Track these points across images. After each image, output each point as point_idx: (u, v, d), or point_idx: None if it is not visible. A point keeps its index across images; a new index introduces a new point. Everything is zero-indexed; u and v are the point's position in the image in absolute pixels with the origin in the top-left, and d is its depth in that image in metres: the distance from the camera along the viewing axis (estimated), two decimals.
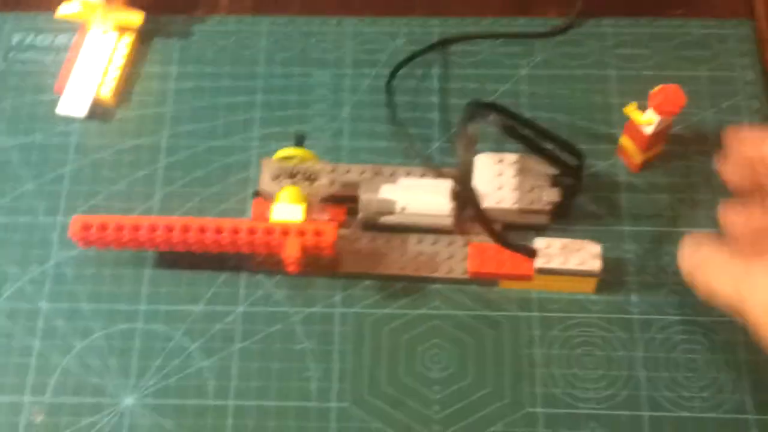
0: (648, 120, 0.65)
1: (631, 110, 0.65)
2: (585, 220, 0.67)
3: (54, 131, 0.72)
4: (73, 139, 0.72)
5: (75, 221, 0.62)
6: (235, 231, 0.62)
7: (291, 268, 0.62)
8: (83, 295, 0.65)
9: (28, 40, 0.76)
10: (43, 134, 0.72)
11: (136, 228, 0.62)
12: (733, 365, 0.62)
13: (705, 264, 0.55)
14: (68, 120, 0.72)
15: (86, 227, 0.62)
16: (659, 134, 0.66)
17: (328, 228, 0.62)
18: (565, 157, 0.65)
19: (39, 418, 0.61)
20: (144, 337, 0.64)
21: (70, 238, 0.63)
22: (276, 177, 0.65)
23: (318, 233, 0.62)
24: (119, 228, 0.62)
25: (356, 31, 0.76)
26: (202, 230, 0.62)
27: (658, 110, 0.64)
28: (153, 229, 0.62)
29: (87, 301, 0.65)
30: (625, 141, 0.68)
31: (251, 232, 0.62)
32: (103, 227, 0.62)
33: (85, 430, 0.61)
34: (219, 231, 0.62)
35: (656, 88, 0.64)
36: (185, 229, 0.62)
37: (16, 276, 0.66)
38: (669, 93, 0.63)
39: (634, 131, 0.66)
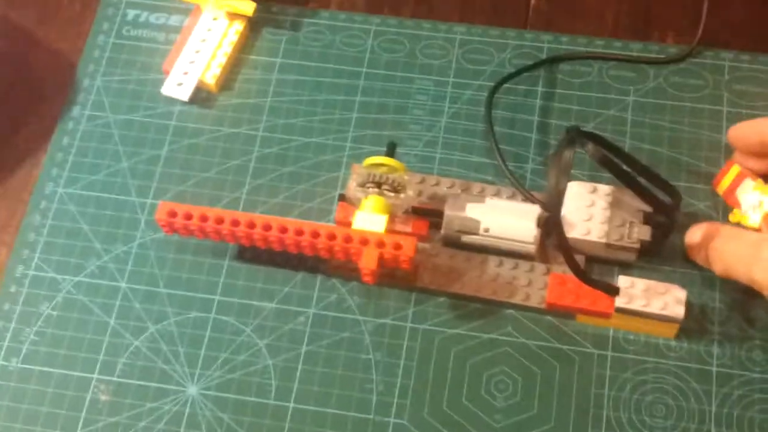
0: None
1: (738, 217, 0.62)
2: (675, 261, 0.65)
3: (156, 111, 0.73)
4: (172, 122, 0.73)
5: (162, 207, 0.63)
6: (315, 234, 0.61)
7: (366, 279, 0.61)
8: (162, 278, 0.66)
9: (143, 17, 0.77)
10: (146, 113, 0.73)
11: (219, 220, 0.62)
12: None
13: (718, 234, 0.58)
14: (171, 101, 0.73)
15: (172, 214, 0.63)
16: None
17: (408, 242, 0.61)
18: (661, 195, 0.63)
19: (104, 397, 0.62)
20: (215, 328, 0.64)
21: (155, 221, 0.63)
22: (363, 184, 0.64)
23: (397, 246, 0.61)
24: (203, 218, 0.62)
25: (465, 39, 0.74)
26: (283, 230, 0.62)
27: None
28: (235, 223, 0.62)
29: (164, 286, 0.66)
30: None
31: (331, 237, 0.61)
32: (188, 216, 0.63)
33: (146, 415, 0.62)
34: (299, 233, 0.62)
35: None
36: (266, 227, 0.62)
37: (100, 252, 0.67)
38: None
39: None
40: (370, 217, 0.63)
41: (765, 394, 0.60)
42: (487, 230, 0.63)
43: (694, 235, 0.61)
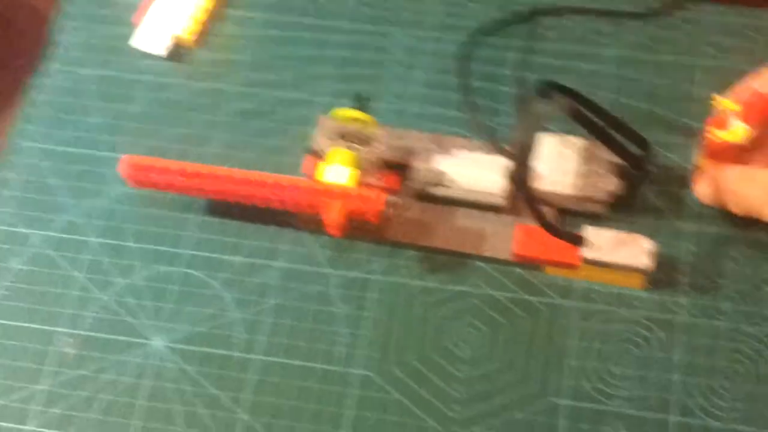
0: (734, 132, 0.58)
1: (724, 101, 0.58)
2: (646, 213, 0.64)
3: (129, 66, 0.73)
4: (146, 77, 0.72)
5: (126, 160, 0.62)
6: (280, 187, 0.61)
7: (332, 231, 0.60)
8: (131, 233, 0.66)
9: None
10: (119, 68, 0.72)
11: (182, 173, 0.62)
12: None
13: (734, 174, 0.57)
14: (145, 56, 0.73)
15: (136, 167, 0.62)
16: (732, 147, 0.59)
17: (376, 195, 0.60)
18: (634, 148, 0.62)
19: (71, 351, 0.62)
20: (183, 282, 0.64)
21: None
22: (331, 136, 0.64)
23: (365, 200, 0.60)
24: (165, 171, 0.62)
25: None
26: (247, 182, 0.61)
27: (745, 118, 0.56)
28: (198, 176, 0.61)
29: (134, 240, 0.66)
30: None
31: (295, 189, 0.61)
32: (151, 169, 0.62)
33: (111, 368, 0.62)
34: (263, 185, 0.61)
35: (741, 91, 0.56)
36: (230, 180, 0.61)
37: (69, 207, 0.67)
38: (756, 97, 0.56)
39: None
40: (338, 170, 0.62)
41: (731, 343, 0.59)
42: (455, 182, 0.62)
43: (703, 183, 0.61)
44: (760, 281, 0.61)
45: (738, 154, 0.59)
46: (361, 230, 0.64)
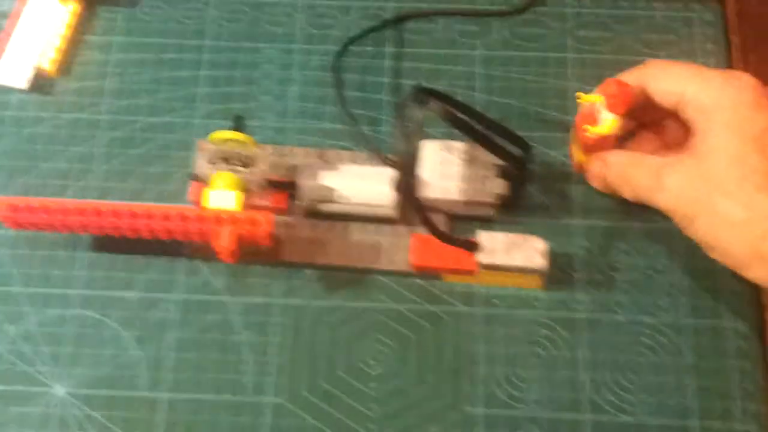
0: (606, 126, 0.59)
1: (585, 96, 0.60)
2: (534, 212, 0.65)
3: None
4: (9, 112, 0.69)
5: (1, 202, 0.59)
6: (167, 218, 0.59)
7: (224, 258, 0.60)
8: (16, 277, 0.63)
9: None
10: None
11: (64, 212, 0.60)
12: (679, 369, 0.61)
13: (619, 160, 0.59)
14: (6, 90, 0.70)
15: (13, 209, 0.60)
16: (608, 139, 0.60)
17: (264, 218, 0.60)
18: (512, 147, 0.63)
19: None
20: (78, 323, 0.62)
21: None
22: (212, 160, 0.63)
23: (253, 223, 0.60)
24: (47, 210, 0.59)
25: (308, 3, 0.73)
26: (133, 216, 0.60)
27: (613, 108, 0.59)
28: (81, 212, 0.59)
29: (20, 284, 0.63)
30: (574, 137, 0.64)
31: (183, 219, 0.60)
32: (30, 209, 0.60)
33: (14, 421, 0.60)
34: (150, 217, 0.60)
35: (606, 85, 0.59)
36: (116, 215, 0.60)
37: None
38: (620, 87, 0.58)
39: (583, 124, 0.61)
40: (223, 195, 0.62)
41: (632, 336, 0.62)
42: (343, 197, 0.62)
43: (595, 167, 0.62)
44: (652, 271, 0.64)
45: (612, 144, 0.61)
46: (255, 254, 0.63)
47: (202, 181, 0.63)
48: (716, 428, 0.59)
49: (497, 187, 0.63)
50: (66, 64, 0.71)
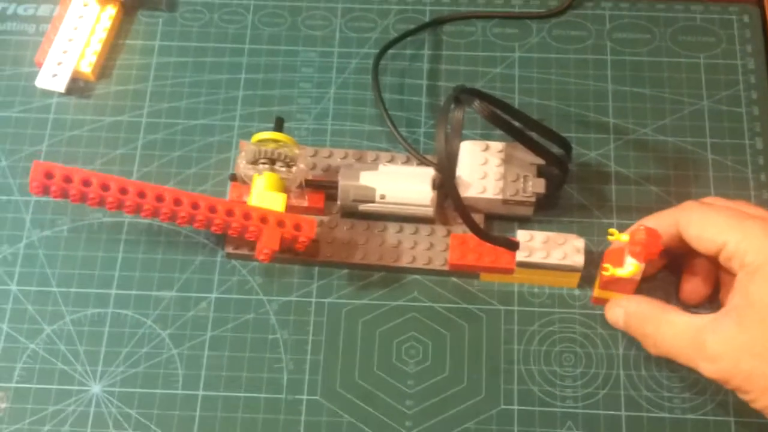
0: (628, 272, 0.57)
1: (616, 234, 0.57)
2: (572, 211, 0.65)
3: (32, 105, 0.70)
4: (51, 115, 0.70)
5: (37, 167, 0.58)
6: (212, 209, 0.59)
7: (262, 258, 0.60)
8: (53, 277, 0.64)
9: (11, 9, 0.74)
10: (21, 108, 0.70)
11: (104, 187, 0.59)
12: None
13: (646, 317, 0.56)
14: (47, 94, 0.71)
15: (49, 175, 0.58)
16: (627, 282, 0.58)
17: (308, 224, 0.60)
18: (553, 146, 0.63)
19: (2, 405, 0.60)
20: (114, 322, 0.62)
21: (40, 218, 0.61)
22: (253, 161, 0.63)
23: (298, 227, 0.60)
24: (86, 182, 0.58)
25: (346, 7, 0.73)
26: (177, 202, 0.59)
27: (637, 256, 0.55)
28: (123, 191, 0.59)
29: (57, 285, 0.64)
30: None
31: (229, 213, 0.60)
32: (67, 179, 0.58)
33: (50, 418, 0.60)
34: (195, 206, 0.59)
35: (636, 232, 0.55)
36: (159, 198, 0.59)
37: None
38: (650, 237, 0.55)
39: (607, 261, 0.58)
40: (269, 196, 0.62)
41: None
42: (383, 197, 0.62)
43: (615, 315, 0.59)
44: None
45: (632, 288, 0.59)
46: (290, 253, 0.63)
47: (242, 181, 0.64)
48: (753, 426, 0.58)
49: (536, 186, 0.62)
50: (106, 68, 0.72)
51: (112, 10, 0.73)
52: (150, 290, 0.63)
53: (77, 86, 0.71)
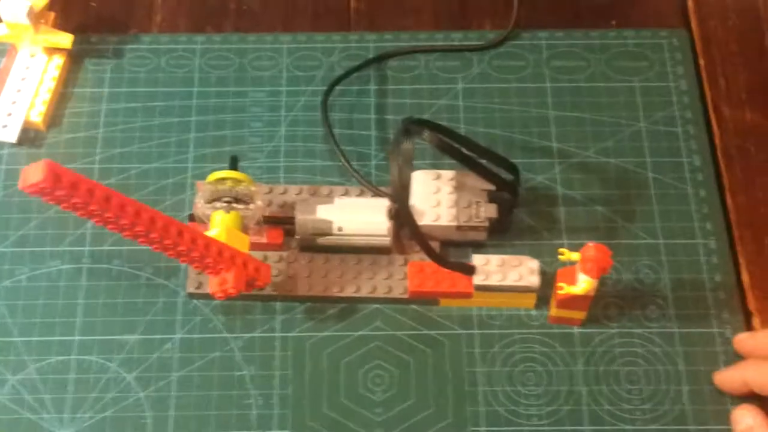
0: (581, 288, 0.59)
1: (567, 254, 0.59)
2: (523, 234, 0.67)
3: None
4: (3, 165, 0.70)
5: (48, 166, 0.53)
6: (180, 233, 0.58)
7: (219, 296, 0.60)
8: (15, 327, 0.64)
9: None
10: None
11: (106, 199, 0.55)
12: (673, 376, 0.62)
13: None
14: None
15: (57, 178, 0.56)
16: (581, 299, 0.61)
17: (265, 269, 0.62)
18: (502, 172, 0.65)
19: None
20: (79, 369, 0.63)
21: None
22: (210, 200, 0.64)
23: (257, 269, 0.61)
24: (90, 192, 0.54)
25: (292, 47, 0.75)
26: (152, 221, 0.57)
27: (589, 272, 0.58)
28: (107, 200, 0.55)
29: (19, 334, 0.64)
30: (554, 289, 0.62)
31: (205, 246, 0.59)
32: (74, 185, 0.56)
33: None
34: (166, 228, 0.57)
35: (586, 249, 0.58)
36: (137, 213, 0.57)
37: None
38: (599, 253, 0.57)
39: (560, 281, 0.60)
40: (234, 235, 0.62)
41: (625, 348, 0.63)
42: (341, 229, 0.64)
43: (733, 383, 0.61)
44: (638, 284, 0.66)
45: (586, 304, 0.62)
46: (254, 288, 0.64)
47: (200, 221, 0.64)
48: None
49: (488, 211, 0.64)
50: (56, 117, 0.72)
51: (59, 60, 0.74)
52: (113, 334, 0.64)
53: (28, 136, 0.71)
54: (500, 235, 0.67)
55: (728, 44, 0.75)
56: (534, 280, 0.62)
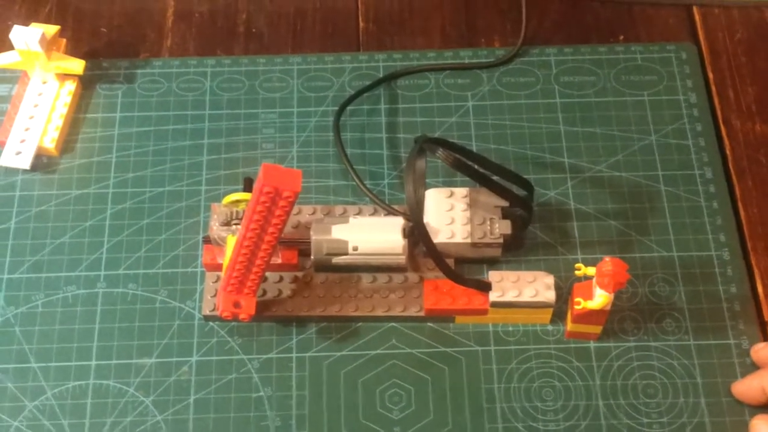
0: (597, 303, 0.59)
1: (583, 269, 0.59)
2: (538, 250, 0.67)
3: None
4: (17, 192, 0.71)
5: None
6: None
7: (226, 316, 0.61)
8: (32, 353, 0.64)
9: None
10: None
11: None
12: (691, 389, 0.62)
13: None
14: (12, 172, 0.71)
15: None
16: (598, 314, 0.60)
17: (248, 301, 0.62)
18: (515, 188, 0.65)
19: None
20: (96, 393, 0.63)
21: (14, 295, 0.61)
22: (225, 222, 0.64)
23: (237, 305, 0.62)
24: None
25: (302, 69, 0.75)
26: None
27: (606, 287, 0.58)
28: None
29: (36, 360, 0.64)
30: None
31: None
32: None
33: None
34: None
35: (603, 264, 0.58)
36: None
37: None
38: (616, 267, 0.57)
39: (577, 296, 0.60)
40: None
41: (642, 361, 0.63)
42: (356, 248, 0.64)
43: (754, 392, 0.61)
44: (654, 297, 0.66)
45: (603, 319, 0.62)
46: (265, 310, 0.64)
47: (216, 243, 0.65)
48: None
49: (502, 227, 0.65)
50: (68, 143, 0.73)
51: (71, 86, 0.74)
52: (130, 358, 0.64)
53: (41, 162, 0.72)
54: (515, 251, 0.66)
55: (736, 57, 0.76)
56: (550, 296, 0.62)
